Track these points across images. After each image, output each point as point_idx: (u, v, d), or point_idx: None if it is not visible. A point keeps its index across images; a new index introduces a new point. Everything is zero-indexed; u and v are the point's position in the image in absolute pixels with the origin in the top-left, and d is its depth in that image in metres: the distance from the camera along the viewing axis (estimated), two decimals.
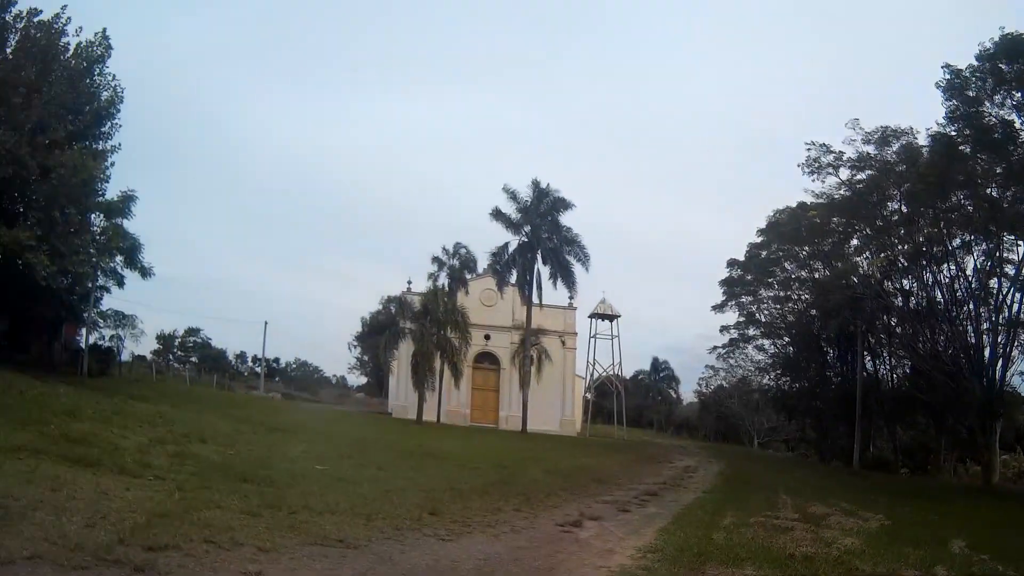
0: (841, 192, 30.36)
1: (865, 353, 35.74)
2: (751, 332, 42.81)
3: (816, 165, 29.97)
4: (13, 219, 19.27)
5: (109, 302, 28.75)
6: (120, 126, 22.41)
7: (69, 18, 20.70)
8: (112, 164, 22.33)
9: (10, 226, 18.30)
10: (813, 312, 37.15)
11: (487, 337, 41.62)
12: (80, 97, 21.00)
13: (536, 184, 35.78)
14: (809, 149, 29.95)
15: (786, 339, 41.44)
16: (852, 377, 36.08)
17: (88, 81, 21.47)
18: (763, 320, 41.94)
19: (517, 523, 9.67)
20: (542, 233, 35.71)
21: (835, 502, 14.57)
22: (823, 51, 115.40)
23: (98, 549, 5.31)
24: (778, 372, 43.47)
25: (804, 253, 36.72)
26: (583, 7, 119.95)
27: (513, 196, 35.80)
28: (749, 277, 39.98)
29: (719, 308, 41.89)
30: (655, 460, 23.46)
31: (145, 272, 29.22)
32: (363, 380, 68.48)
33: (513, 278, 36.65)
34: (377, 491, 10.83)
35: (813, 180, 30.57)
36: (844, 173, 29.94)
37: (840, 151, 29.42)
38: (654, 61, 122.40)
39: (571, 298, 41.26)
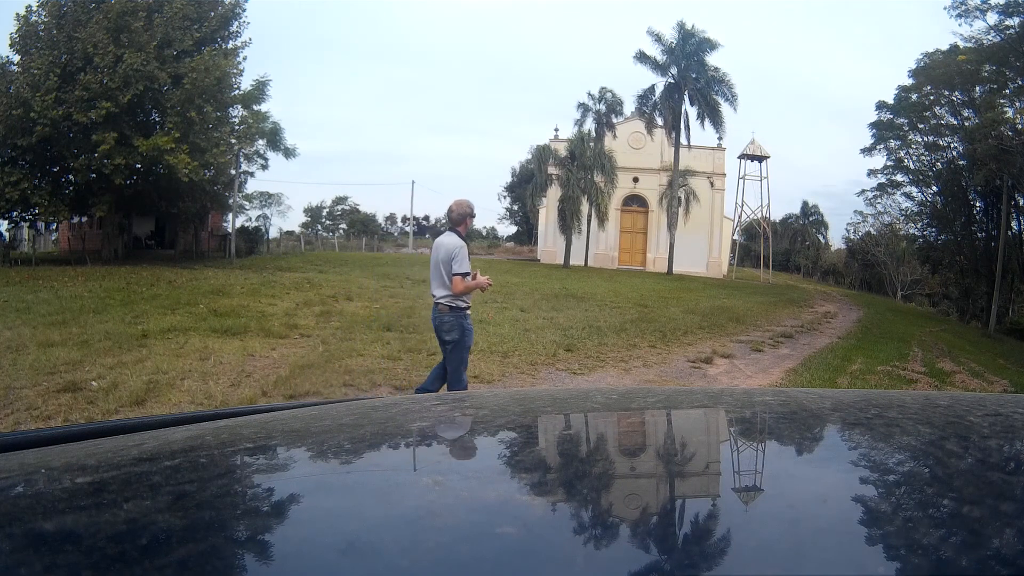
0: (990, 38, 28.16)
1: (1012, 212, 32.63)
2: (899, 179, 40.97)
3: (963, 7, 27.68)
4: (151, 128, 20.43)
5: (255, 185, 30.63)
6: (248, 23, 22.91)
7: None
8: (244, 59, 23.25)
9: (147, 136, 19.41)
10: (963, 162, 34.61)
11: (635, 180, 40.46)
12: (203, 6, 21.34)
13: (681, 25, 34.42)
14: None
15: (934, 188, 39.30)
16: (997, 235, 33.03)
17: None
18: (912, 167, 39.87)
19: (650, 359, 9.59)
20: (689, 74, 34.34)
21: (965, 362, 14.11)
22: None
23: (241, 403, 5.68)
24: (924, 222, 41.76)
25: (956, 99, 33.91)
26: None
27: (658, 38, 34.66)
28: (899, 120, 37.51)
29: (868, 151, 39.78)
30: (796, 304, 22.68)
31: (289, 152, 30.70)
32: (512, 230, 69.42)
33: (660, 120, 35.81)
34: (516, 331, 10.99)
35: (960, 24, 28.49)
36: (992, 18, 27.32)
37: None
38: None
39: (719, 139, 39.02)
